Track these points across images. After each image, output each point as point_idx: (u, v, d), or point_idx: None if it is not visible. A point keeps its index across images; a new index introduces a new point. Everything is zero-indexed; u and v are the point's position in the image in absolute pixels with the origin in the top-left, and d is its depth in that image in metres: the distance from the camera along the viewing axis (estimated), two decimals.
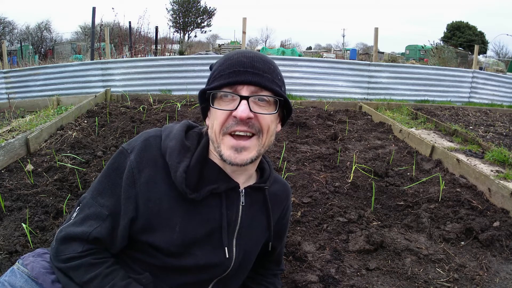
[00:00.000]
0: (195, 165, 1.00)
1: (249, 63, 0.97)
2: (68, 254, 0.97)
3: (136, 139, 1.05)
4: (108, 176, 1.02)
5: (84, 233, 0.96)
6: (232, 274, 1.10)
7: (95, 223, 0.97)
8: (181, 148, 1.01)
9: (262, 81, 0.97)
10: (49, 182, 2.64)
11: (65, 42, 28.12)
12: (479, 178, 2.91)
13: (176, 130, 1.05)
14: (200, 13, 36.47)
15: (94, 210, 0.99)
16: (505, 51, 36.58)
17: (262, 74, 0.97)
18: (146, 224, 0.99)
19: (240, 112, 0.94)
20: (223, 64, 1.00)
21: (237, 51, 1.02)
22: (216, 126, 0.98)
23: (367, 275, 1.86)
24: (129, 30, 12.44)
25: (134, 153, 1.00)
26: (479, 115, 6.95)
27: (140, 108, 5.26)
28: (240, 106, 0.94)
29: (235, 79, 0.95)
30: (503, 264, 2.01)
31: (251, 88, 0.96)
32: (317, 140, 4.22)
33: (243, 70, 0.96)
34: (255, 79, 0.96)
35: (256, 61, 0.98)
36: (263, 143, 1.01)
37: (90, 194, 1.02)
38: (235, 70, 0.96)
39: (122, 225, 0.98)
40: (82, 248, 0.96)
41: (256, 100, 0.97)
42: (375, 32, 8.45)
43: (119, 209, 0.98)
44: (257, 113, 0.97)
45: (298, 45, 53.08)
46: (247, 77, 0.95)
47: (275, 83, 0.99)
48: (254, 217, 1.13)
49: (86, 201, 1.02)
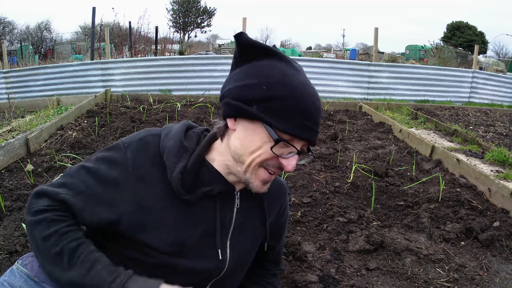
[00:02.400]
0: (192, 167, 0.99)
1: (315, 117, 0.94)
2: (36, 207, 0.96)
3: (135, 135, 1.04)
4: (99, 161, 1.00)
5: (54, 192, 0.96)
6: (228, 275, 1.10)
7: (68, 191, 0.97)
8: (179, 148, 1.00)
9: (316, 140, 0.97)
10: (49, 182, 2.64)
11: (65, 42, 28.11)
12: (479, 178, 2.91)
13: (175, 130, 1.04)
14: (200, 13, 36.45)
15: (72, 181, 0.98)
16: (505, 51, 36.59)
17: (318, 132, 0.97)
18: (139, 223, 0.98)
19: (290, 167, 0.94)
20: (294, 100, 0.90)
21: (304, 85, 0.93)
22: (258, 158, 0.95)
23: (367, 275, 1.85)
24: (129, 30, 12.44)
25: (130, 149, 1.00)
26: (479, 115, 6.95)
27: (140, 108, 5.26)
28: (292, 160, 0.94)
29: (302, 135, 0.93)
30: (503, 264, 2.01)
31: (305, 143, 0.97)
32: (317, 140, 4.22)
33: (312, 128, 0.93)
34: (313, 139, 0.96)
35: (319, 115, 0.96)
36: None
37: (77, 167, 1.02)
38: (306, 124, 0.92)
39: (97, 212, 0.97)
40: (49, 203, 0.96)
41: None
42: (375, 32, 8.46)
43: (98, 195, 0.97)
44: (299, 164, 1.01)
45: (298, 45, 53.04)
46: (311, 137, 0.95)
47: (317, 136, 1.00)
48: (250, 218, 1.13)
49: (71, 171, 1.02)
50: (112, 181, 0.97)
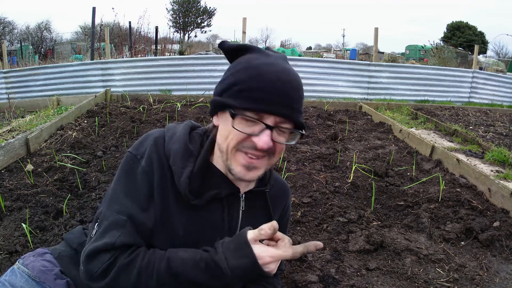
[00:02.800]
0: (198, 171, 0.99)
1: (282, 90, 0.91)
2: (99, 268, 0.92)
3: (142, 143, 1.03)
4: (120, 184, 1.00)
5: (107, 244, 0.92)
6: None
7: (116, 232, 0.93)
8: (184, 152, 1.00)
9: (291, 113, 0.93)
10: (49, 182, 2.64)
11: (65, 42, 28.12)
12: (479, 178, 2.92)
13: (179, 132, 1.04)
14: (200, 13, 36.45)
15: (112, 220, 0.95)
16: (505, 51, 36.62)
17: (292, 106, 0.93)
18: (152, 227, 0.99)
19: (262, 143, 0.91)
20: (253, 80, 0.91)
21: (270, 67, 0.93)
22: (231, 141, 0.94)
23: (367, 275, 1.86)
24: (129, 30, 12.44)
25: (145, 158, 0.99)
26: (479, 115, 6.95)
27: (140, 108, 5.26)
28: (263, 136, 0.91)
29: (265, 108, 0.90)
30: (503, 264, 2.01)
31: (277, 119, 0.93)
32: (317, 140, 4.23)
33: (276, 99, 0.90)
34: (285, 112, 0.92)
35: (289, 88, 0.93)
36: (272, 163, 1.01)
37: (105, 206, 0.99)
38: (267, 97, 0.90)
39: (144, 229, 0.97)
40: (109, 255, 0.92)
41: (278, 130, 0.95)
42: (375, 32, 8.46)
43: (137, 213, 0.96)
44: (278, 143, 0.95)
45: (298, 45, 53.09)
46: (278, 109, 0.91)
47: (300, 114, 0.96)
48: (255, 220, 1.13)
49: (102, 214, 0.98)
50: (141, 196, 0.97)
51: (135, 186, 0.98)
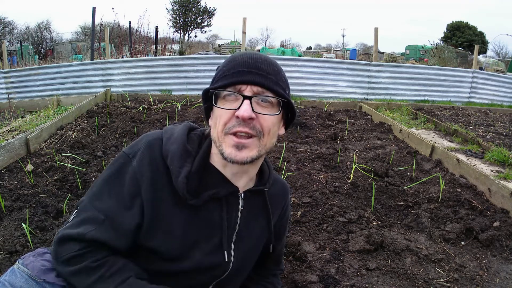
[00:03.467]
0: (196, 171, 1.00)
1: (253, 63, 0.98)
2: (66, 254, 0.96)
3: (137, 144, 1.04)
4: (107, 181, 1.01)
5: (79, 234, 0.96)
6: (231, 276, 1.10)
7: (91, 226, 0.96)
8: (182, 153, 1.00)
9: (265, 82, 0.97)
10: (49, 182, 2.64)
11: (65, 42, 28.12)
12: (479, 178, 2.91)
13: (177, 133, 1.05)
14: (200, 13, 36.44)
15: (90, 214, 0.98)
16: (505, 51, 36.58)
17: (266, 75, 0.97)
18: (148, 228, 0.99)
19: (242, 111, 0.93)
20: (228, 65, 1.00)
21: (242, 53, 1.03)
22: (219, 125, 0.98)
23: (367, 275, 1.86)
24: (129, 30, 12.45)
25: (136, 158, 1.00)
26: (479, 115, 6.95)
27: (140, 108, 5.26)
28: (242, 105, 0.94)
29: (238, 79, 0.96)
30: (503, 264, 2.01)
31: (254, 88, 0.96)
32: (317, 140, 4.23)
33: (247, 70, 0.96)
34: (259, 80, 0.96)
35: (260, 62, 0.98)
36: (264, 144, 1.00)
37: (88, 198, 1.01)
38: (239, 70, 0.97)
39: (126, 228, 0.98)
40: (79, 247, 0.96)
41: (259, 101, 0.97)
42: (375, 32, 8.45)
43: (119, 213, 0.97)
44: (259, 114, 0.96)
45: (298, 45, 53.06)
46: (251, 77, 0.96)
47: (278, 85, 0.99)
48: (254, 220, 1.13)
49: (83, 204, 1.01)
50: (127, 194, 0.98)
51: (122, 185, 0.99)
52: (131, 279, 0.97)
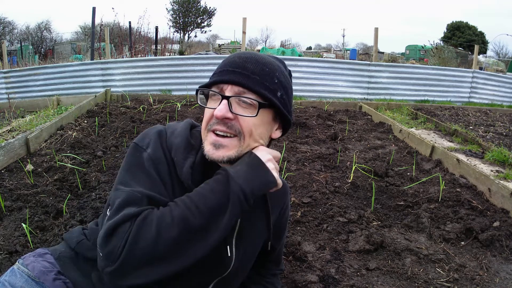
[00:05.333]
0: (200, 163, 1.01)
1: (240, 63, 0.97)
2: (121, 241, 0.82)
3: (147, 135, 1.05)
4: (128, 170, 0.98)
5: (125, 215, 0.84)
6: (232, 274, 1.10)
7: (133, 208, 0.87)
8: (186, 145, 1.02)
9: (246, 82, 0.95)
10: (49, 182, 2.64)
11: (65, 42, 28.11)
12: (479, 178, 2.91)
13: (181, 128, 1.06)
14: (200, 13, 36.45)
15: (125, 196, 0.89)
16: (505, 51, 36.59)
17: (249, 75, 0.96)
18: None
19: (216, 110, 0.95)
20: (220, 64, 1.02)
21: (238, 52, 1.03)
22: (203, 123, 1.01)
23: (367, 275, 1.86)
24: (129, 30, 12.44)
25: (150, 147, 1.01)
26: (479, 115, 6.95)
27: (140, 108, 5.26)
28: (219, 105, 0.95)
29: (220, 78, 0.97)
30: (503, 264, 2.01)
31: (235, 88, 0.96)
32: (317, 140, 4.22)
33: (232, 70, 0.97)
34: (239, 79, 0.95)
35: (249, 62, 0.98)
36: (246, 145, 0.98)
37: (115, 189, 0.96)
38: (224, 69, 0.98)
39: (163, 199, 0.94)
40: (130, 224, 0.84)
41: (239, 101, 0.96)
42: (375, 32, 8.45)
43: (150, 188, 0.93)
44: (237, 114, 0.96)
45: (298, 45, 53.08)
46: (232, 77, 0.96)
47: (263, 86, 0.97)
48: (254, 217, 1.13)
49: (113, 197, 0.93)
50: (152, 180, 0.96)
51: (143, 169, 0.96)
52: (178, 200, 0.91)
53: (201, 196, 0.89)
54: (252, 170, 0.94)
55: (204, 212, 0.87)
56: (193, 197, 0.89)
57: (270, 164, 0.97)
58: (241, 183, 0.90)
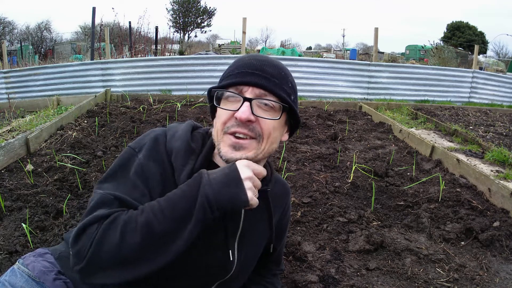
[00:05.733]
0: (199, 168, 0.99)
1: (259, 65, 0.97)
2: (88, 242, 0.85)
3: (143, 138, 1.04)
4: (113, 173, 0.99)
5: (94, 217, 0.88)
6: (234, 276, 1.10)
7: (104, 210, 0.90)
8: (186, 150, 1.00)
9: (268, 84, 0.96)
10: (49, 182, 2.64)
11: (65, 42, 28.10)
12: (479, 178, 2.91)
13: (181, 131, 1.05)
14: (200, 13, 36.46)
15: (98, 198, 0.93)
16: (505, 51, 36.60)
17: (269, 78, 0.96)
18: None
19: (240, 113, 0.93)
20: (234, 65, 1.01)
21: (250, 54, 1.03)
22: (218, 124, 0.99)
23: (367, 275, 1.86)
24: (129, 30, 12.44)
25: (142, 151, 1.00)
26: (479, 115, 6.95)
27: (140, 108, 5.26)
28: (242, 107, 0.94)
29: (240, 79, 0.96)
30: (503, 264, 2.01)
31: (256, 90, 0.96)
32: (317, 140, 4.22)
33: (251, 72, 0.96)
34: (261, 82, 0.95)
35: (266, 65, 0.98)
36: (263, 148, 0.99)
37: (96, 189, 0.98)
38: (243, 71, 0.97)
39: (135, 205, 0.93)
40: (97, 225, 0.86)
41: (261, 104, 0.96)
42: (375, 32, 8.45)
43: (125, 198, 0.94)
44: (259, 117, 0.96)
45: (298, 45, 53.08)
46: (253, 79, 0.95)
47: (282, 89, 0.98)
48: (256, 219, 1.13)
49: (92, 198, 0.97)
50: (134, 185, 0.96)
51: (128, 173, 0.98)
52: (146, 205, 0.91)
53: (170, 202, 0.88)
54: (226, 182, 0.89)
55: (169, 218, 0.86)
56: (162, 202, 0.89)
57: (248, 183, 0.91)
58: (209, 193, 0.87)
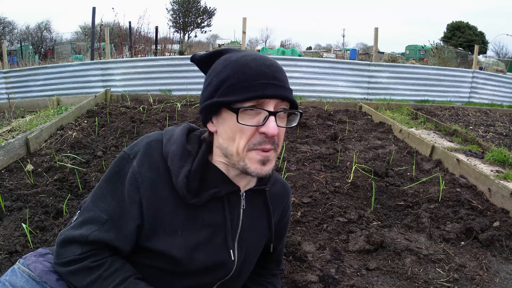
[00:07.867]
0: (197, 170, 0.99)
1: (271, 74, 0.93)
2: (67, 257, 0.97)
3: (137, 144, 1.04)
4: (109, 181, 1.01)
5: (82, 236, 0.96)
6: (234, 276, 1.11)
7: (94, 227, 0.96)
8: (182, 153, 1.00)
9: (285, 93, 0.94)
10: (49, 182, 2.64)
11: (65, 42, 28.07)
12: (479, 178, 2.92)
13: (177, 134, 1.04)
14: (200, 13, 36.48)
15: (93, 214, 0.98)
16: (505, 51, 36.53)
17: (285, 86, 0.94)
18: (149, 229, 0.99)
19: (271, 129, 0.90)
20: (239, 72, 0.92)
21: (252, 57, 0.95)
22: (241, 141, 0.93)
23: (367, 275, 1.86)
24: (129, 30, 12.44)
25: (136, 158, 1.00)
26: (479, 115, 6.95)
27: (140, 108, 5.26)
28: (269, 122, 0.91)
29: (263, 92, 0.90)
30: (503, 264, 2.01)
31: (275, 101, 0.93)
32: (317, 140, 4.23)
33: (267, 82, 0.91)
34: (280, 93, 0.92)
35: (276, 71, 0.95)
36: (277, 154, 1.00)
37: (90, 199, 1.02)
38: (260, 82, 0.90)
39: (127, 229, 0.98)
40: (81, 250, 0.96)
41: (280, 114, 0.94)
42: (375, 32, 8.45)
43: (120, 214, 0.97)
44: (282, 127, 0.96)
45: (298, 45, 53.08)
46: (275, 91, 0.92)
47: (291, 93, 0.97)
48: (255, 219, 1.13)
49: (86, 205, 1.01)
50: (126, 195, 0.98)
51: (123, 185, 0.99)
52: (130, 279, 0.97)
53: None
54: None
55: None
56: None
57: None
58: None
